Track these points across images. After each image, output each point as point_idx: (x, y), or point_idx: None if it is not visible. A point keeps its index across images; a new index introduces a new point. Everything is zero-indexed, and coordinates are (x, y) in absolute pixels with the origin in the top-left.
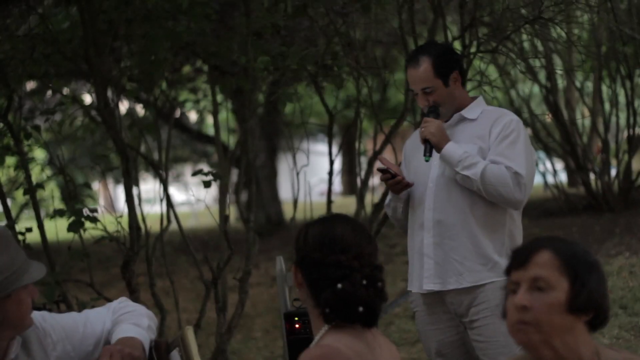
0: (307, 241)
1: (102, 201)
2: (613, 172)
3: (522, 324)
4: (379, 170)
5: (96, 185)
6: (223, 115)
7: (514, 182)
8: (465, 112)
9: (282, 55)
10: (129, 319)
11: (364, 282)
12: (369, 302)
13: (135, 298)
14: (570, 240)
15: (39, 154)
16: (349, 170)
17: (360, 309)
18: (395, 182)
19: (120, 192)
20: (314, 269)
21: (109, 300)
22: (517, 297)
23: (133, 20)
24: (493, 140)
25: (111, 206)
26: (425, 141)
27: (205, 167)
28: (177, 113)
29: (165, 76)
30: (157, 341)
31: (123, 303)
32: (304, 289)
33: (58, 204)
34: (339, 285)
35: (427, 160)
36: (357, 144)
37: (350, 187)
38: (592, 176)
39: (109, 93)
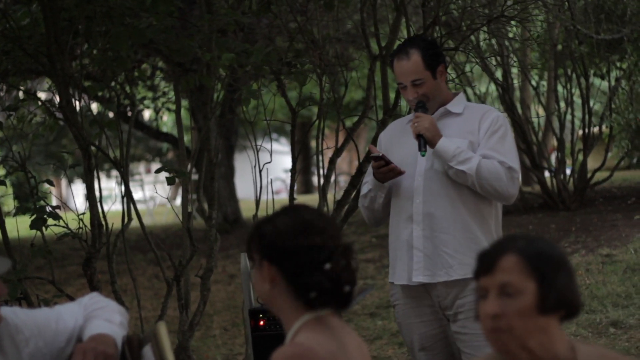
0: (280, 232)
1: (54, 199)
2: (568, 171)
3: (496, 332)
4: (372, 157)
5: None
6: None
7: (507, 176)
8: (450, 107)
9: (246, 53)
10: (101, 315)
11: (343, 261)
12: (351, 281)
13: None
14: (533, 238)
15: None
16: (304, 169)
17: (347, 287)
18: (388, 170)
19: (73, 191)
20: (295, 257)
21: (71, 297)
22: (487, 306)
23: (94, 17)
24: (482, 135)
25: (65, 204)
26: (419, 136)
27: (159, 165)
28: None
29: (126, 74)
30: (129, 337)
31: (94, 299)
32: (277, 284)
33: (11, 202)
34: (327, 266)
35: (423, 155)
36: (319, 142)
37: (305, 186)
38: (547, 175)
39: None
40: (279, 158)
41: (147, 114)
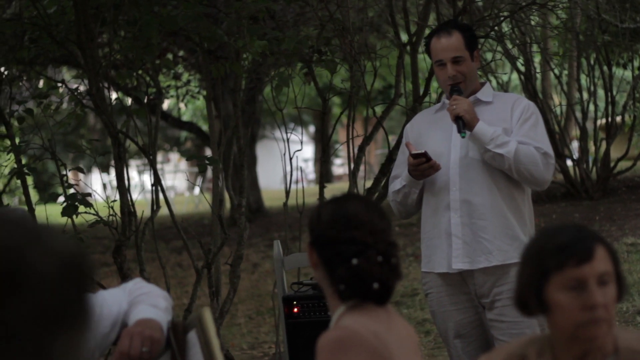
0: (321, 220)
1: (73, 189)
2: (591, 160)
3: (594, 323)
4: (413, 155)
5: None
6: (202, 102)
7: (543, 162)
8: (480, 95)
9: (277, 40)
10: (146, 300)
11: (379, 258)
12: (384, 279)
13: None
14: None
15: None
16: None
17: (375, 285)
18: (429, 167)
19: (95, 180)
20: (329, 247)
21: (102, 285)
22: (593, 296)
23: (121, 5)
24: (515, 122)
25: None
26: (457, 119)
27: (177, 155)
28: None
29: (152, 62)
30: (174, 322)
31: (138, 284)
32: (319, 268)
33: (30, 191)
34: (354, 261)
35: (463, 137)
36: (350, 131)
37: (325, 175)
38: (569, 163)
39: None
40: (297, 147)
41: (166, 103)
